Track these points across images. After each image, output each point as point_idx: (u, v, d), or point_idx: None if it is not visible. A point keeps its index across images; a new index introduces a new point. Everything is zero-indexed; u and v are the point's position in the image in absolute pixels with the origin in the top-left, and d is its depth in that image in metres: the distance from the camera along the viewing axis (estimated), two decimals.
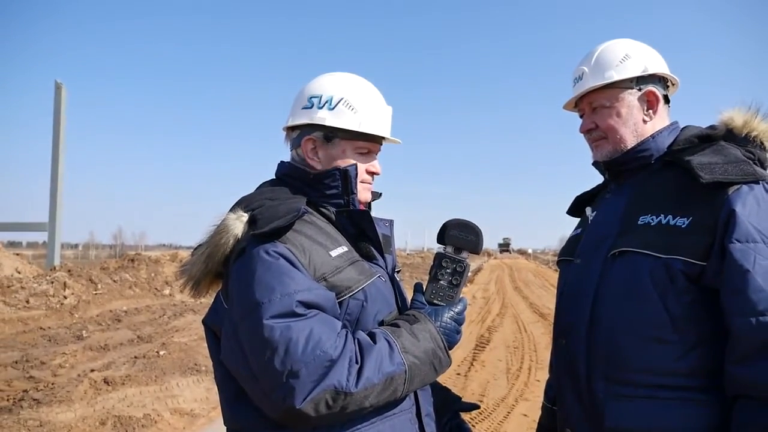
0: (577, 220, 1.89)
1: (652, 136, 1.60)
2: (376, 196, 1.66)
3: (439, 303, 1.47)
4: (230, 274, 1.36)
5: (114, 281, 14.31)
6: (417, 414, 1.46)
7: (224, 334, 1.34)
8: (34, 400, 5.43)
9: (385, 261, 1.57)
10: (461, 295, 1.50)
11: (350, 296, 1.37)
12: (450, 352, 1.40)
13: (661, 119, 1.64)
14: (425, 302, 1.47)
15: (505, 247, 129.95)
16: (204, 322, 1.48)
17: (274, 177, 1.62)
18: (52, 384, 6.04)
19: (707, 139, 1.54)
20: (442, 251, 1.53)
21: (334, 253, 1.40)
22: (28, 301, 11.39)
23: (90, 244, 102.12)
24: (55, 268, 14.09)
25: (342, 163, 1.51)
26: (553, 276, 28.62)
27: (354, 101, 1.52)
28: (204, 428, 5.19)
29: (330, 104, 1.50)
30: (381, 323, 1.41)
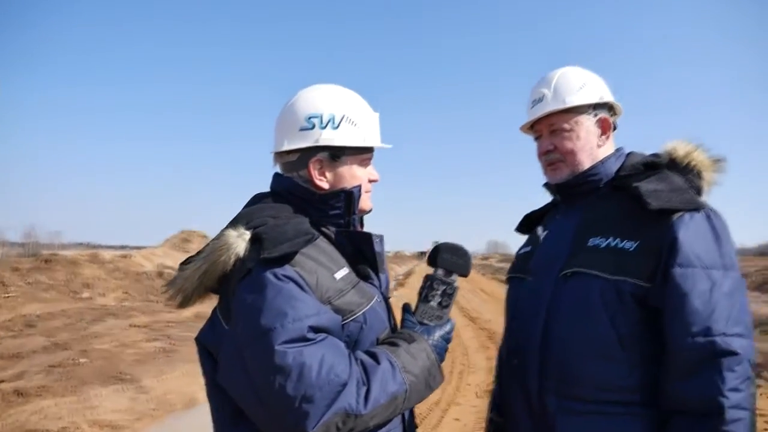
0: (525, 237, 1.94)
1: (602, 162, 1.68)
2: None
3: (428, 323, 1.51)
4: (235, 295, 1.32)
5: (27, 283, 13.45)
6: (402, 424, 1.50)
7: (224, 356, 1.32)
8: None
9: (379, 280, 1.57)
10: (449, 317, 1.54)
11: (352, 319, 1.38)
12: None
13: (610, 145, 1.73)
14: (416, 322, 1.50)
15: (423, 254, 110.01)
16: (198, 339, 1.44)
17: (269, 190, 1.57)
18: None
19: (652, 166, 1.64)
20: (433, 273, 1.57)
21: (338, 275, 1.41)
22: None
23: None
24: None
25: (351, 180, 1.52)
26: (483, 281, 29.35)
27: (353, 116, 1.52)
28: None
29: (333, 123, 1.49)
30: (376, 341, 1.43)
